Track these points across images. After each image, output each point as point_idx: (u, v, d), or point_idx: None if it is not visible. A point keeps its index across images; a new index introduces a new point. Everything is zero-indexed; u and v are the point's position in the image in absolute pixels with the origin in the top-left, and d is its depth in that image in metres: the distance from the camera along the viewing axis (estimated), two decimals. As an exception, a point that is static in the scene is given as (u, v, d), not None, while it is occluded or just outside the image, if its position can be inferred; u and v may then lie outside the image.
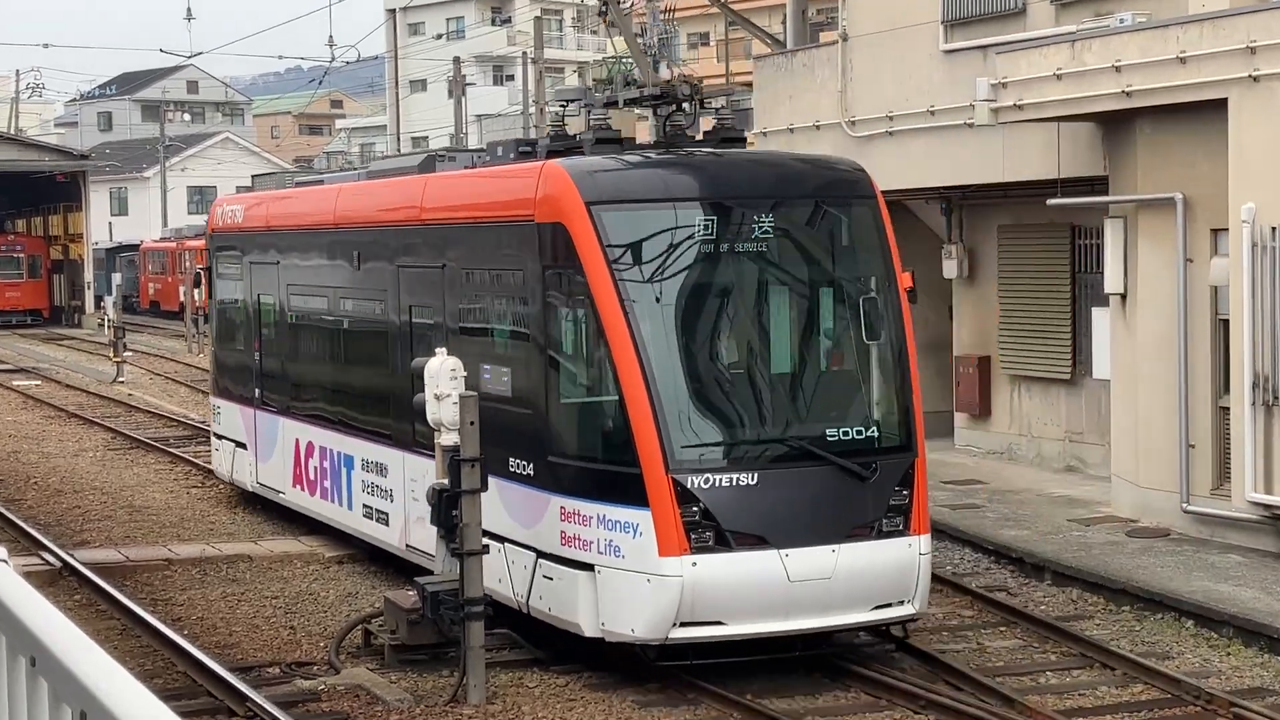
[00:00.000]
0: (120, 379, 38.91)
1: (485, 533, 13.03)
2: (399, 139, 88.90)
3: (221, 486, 22.46)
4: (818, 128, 25.72)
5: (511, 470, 13.62)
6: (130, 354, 41.88)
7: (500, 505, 13.67)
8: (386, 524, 16.48)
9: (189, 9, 67.99)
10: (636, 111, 15.70)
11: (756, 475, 12.39)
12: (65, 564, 17.64)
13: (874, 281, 13.49)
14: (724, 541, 12.25)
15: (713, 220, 12.87)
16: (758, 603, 12.26)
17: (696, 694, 13.02)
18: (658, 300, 12.61)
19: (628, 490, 12.33)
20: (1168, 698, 13.00)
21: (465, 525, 12.76)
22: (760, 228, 12.99)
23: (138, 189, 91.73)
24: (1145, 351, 19.02)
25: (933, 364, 26.72)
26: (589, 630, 12.75)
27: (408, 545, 15.94)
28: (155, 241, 73.89)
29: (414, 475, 15.61)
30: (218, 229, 21.87)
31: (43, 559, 17.86)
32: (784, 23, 31.82)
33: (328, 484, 18.10)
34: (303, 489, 18.90)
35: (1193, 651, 14.38)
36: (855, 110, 24.95)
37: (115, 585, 16.70)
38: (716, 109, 14.73)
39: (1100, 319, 21.51)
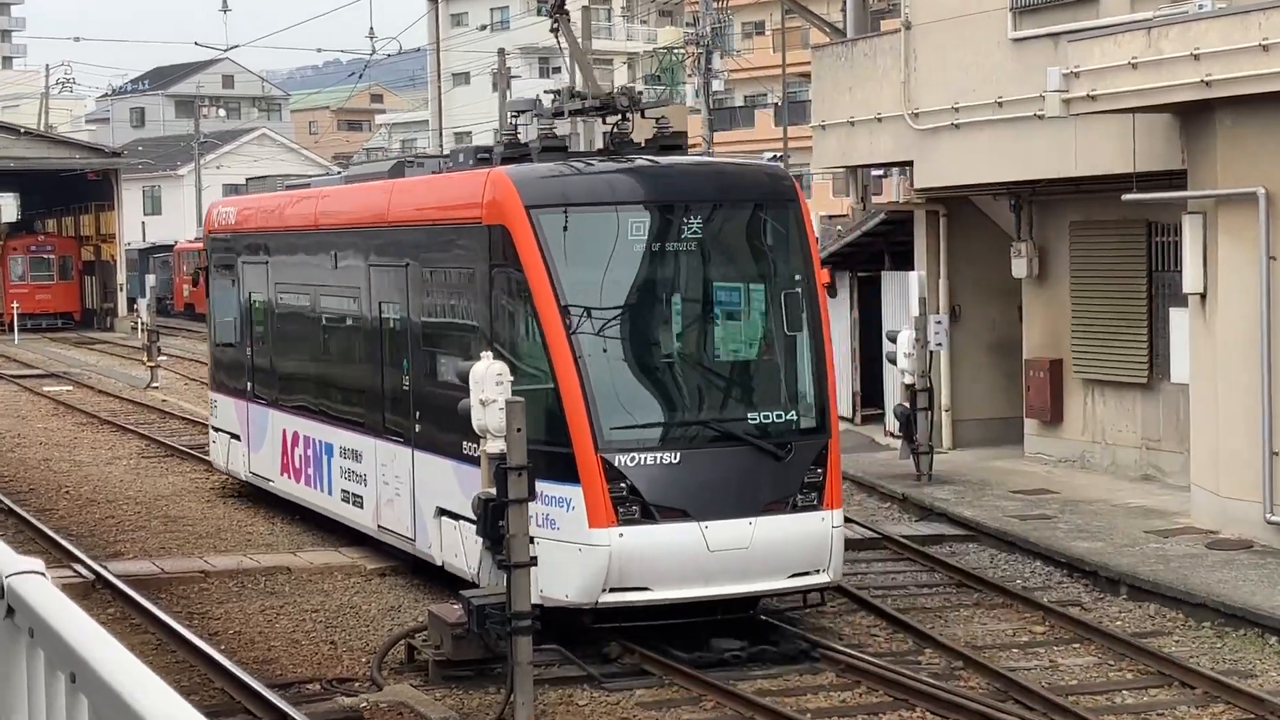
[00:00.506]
0: (154, 384, 39.19)
1: (444, 511, 15.70)
2: (441, 134, 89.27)
3: (262, 497, 22.59)
4: (879, 120, 25.68)
5: (465, 453, 15.58)
6: (164, 358, 42.18)
7: (457, 486, 15.75)
8: (361, 507, 18.64)
9: (224, 1, 68.40)
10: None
11: (679, 455, 14.34)
12: (98, 576, 17.78)
13: (794, 278, 15.37)
14: (649, 515, 14.18)
15: (644, 221, 14.87)
16: (680, 570, 14.08)
17: (754, 712, 13.06)
18: (590, 296, 14.58)
19: (561, 468, 14.19)
20: (1250, 718, 12.90)
21: (512, 536, 12.80)
22: (688, 228, 14.97)
23: (172, 187, 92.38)
24: (1226, 354, 18.87)
25: (1001, 367, 26.60)
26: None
27: (379, 526, 18.17)
28: (190, 242, 74.25)
29: (384, 460, 17.88)
30: (213, 230, 24.03)
31: (75, 571, 18.02)
32: (844, 10, 31.77)
33: (311, 471, 20.18)
34: (289, 477, 20.97)
35: (1277, 669, 14.27)
36: (919, 102, 24.89)
37: (150, 598, 16.82)
38: (657, 119, 16.70)
39: (1178, 320, 21.37)
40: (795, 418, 14.96)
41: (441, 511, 16.31)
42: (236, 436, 22.87)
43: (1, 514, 22.23)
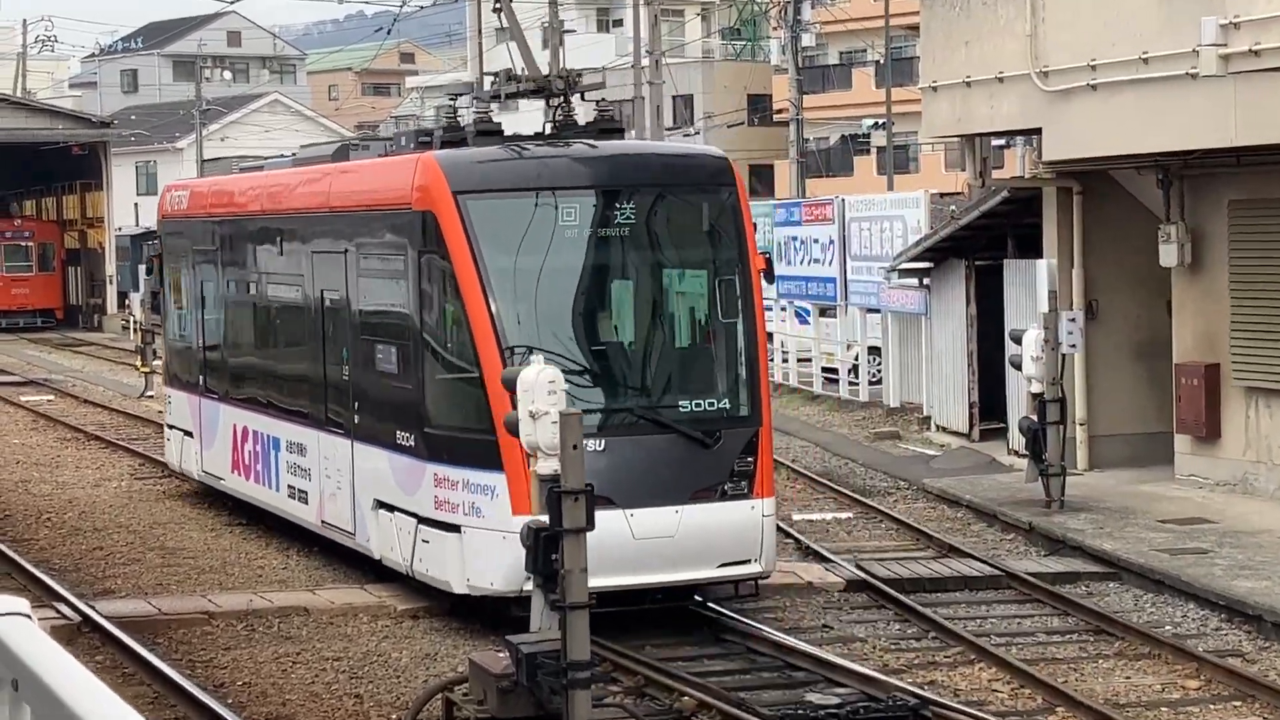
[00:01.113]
0: (149, 393, 39.51)
1: (381, 503, 18.27)
2: (481, 81, 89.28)
3: (281, 526, 22.75)
4: (1001, 80, 25.58)
5: (399, 443, 17.97)
6: (161, 363, 42.52)
7: (390, 476, 18.27)
8: (306, 502, 20.85)
9: (230, -57, 68.83)
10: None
11: (604, 442, 16.29)
12: (85, 618, 17.92)
13: (728, 265, 17.46)
14: None
15: (575, 207, 16.96)
16: (605, 558, 15.19)
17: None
18: (518, 282, 16.80)
19: (486, 456, 16.49)
20: None
21: (568, 572, 12.83)
22: (621, 214, 17.06)
23: (169, 163, 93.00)
24: None
25: (1144, 373, 26.44)
26: (458, 587, 17.04)
27: (323, 521, 20.37)
28: (190, 226, 74.83)
29: (326, 453, 20.12)
30: (166, 215, 26.41)
31: (58, 612, 18.17)
32: (958, -49, 31.66)
33: (259, 467, 22.41)
34: (239, 474, 23.19)
35: None
36: (1048, 59, 24.77)
37: (145, 643, 16.95)
38: (597, 101, 18.91)
39: (1359, 317, 21.18)
40: (725, 406, 17.04)
41: (379, 504, 18.60)
42: (190, 434, 25.21)
43: (-28, 545, 22.46)
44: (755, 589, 17.34)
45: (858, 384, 36.34)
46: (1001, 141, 43.64)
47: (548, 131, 18.74)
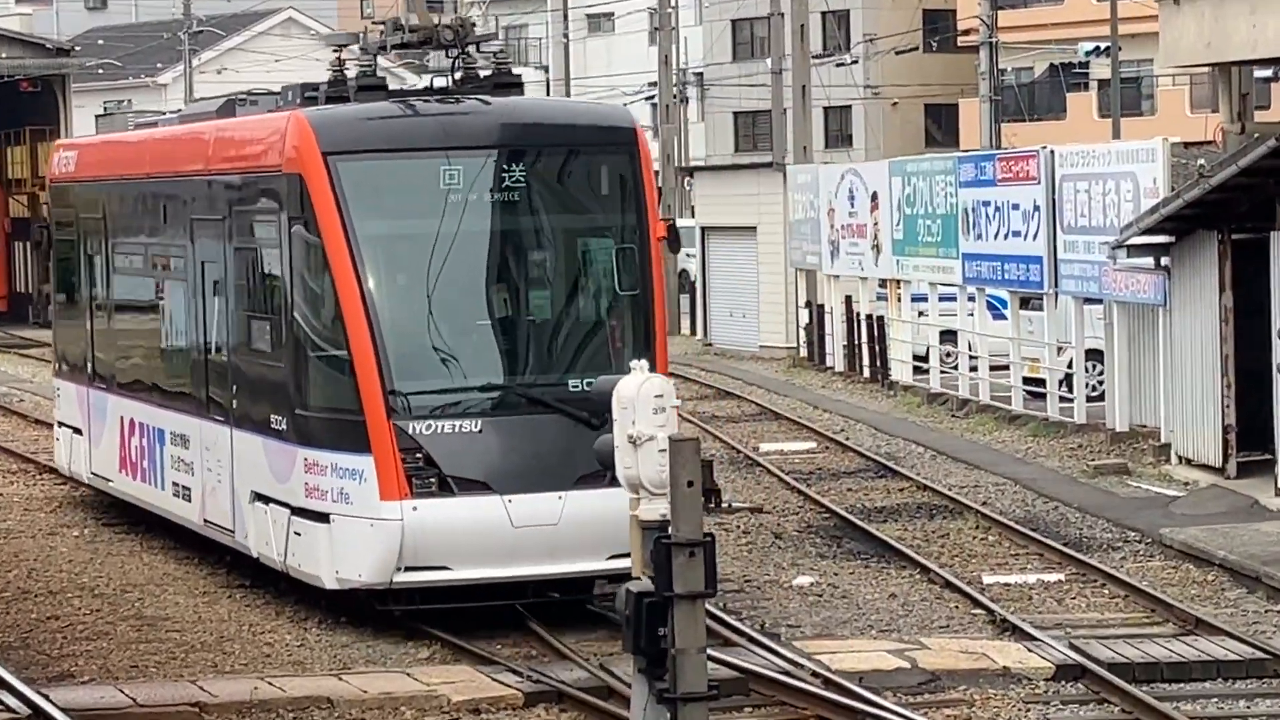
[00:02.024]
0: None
1: (258, 495, 21.55)
2: (566, 15, 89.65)
3: (300, 588, 22.91)
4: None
5: (272, 427, 21.20)
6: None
7: (266, 465, 21.43)
8: (189, 500, 23.84)
9: None
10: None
11: (481, 423, 19.96)
12: (36, 710, 18.05)
13: (624, 232, 20.87)
14: (446, 487, 19.81)
15: (458, 170, 20.21)
16: (481, 548, 19.34)
17: None
18: (391, 252, 20.36)
19: (354, 437, 19.87)
20: None
21: (682, 652, 12.83)
22: (509, 176, 20.33)
23: (148, 102, 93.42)
24: None
25: None
26: (329, 582, 20.29)
27: (205, 520, 23.34)
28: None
29: (208, 444, 23.04)
30: (55, 179, 29.88)
31: (2, 704, 18.30)
32: None
33: (146, 464, 25.56)
34: (127, 473, 26.38)
35: None
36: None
37: (116, 744, 17.06)
38: (495, 52, 22.19)
39: None
40: None
41: (256, 495, 21.77)
42: (79, 430, 28.59)
43: (-111, 612, 22.68)
44: None
45: (1071, 401, 36.17)
46: (1268, 73, 43.37)
47: (439, 85, 21.96)
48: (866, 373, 44.21)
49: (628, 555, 16.92)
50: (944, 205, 39.73)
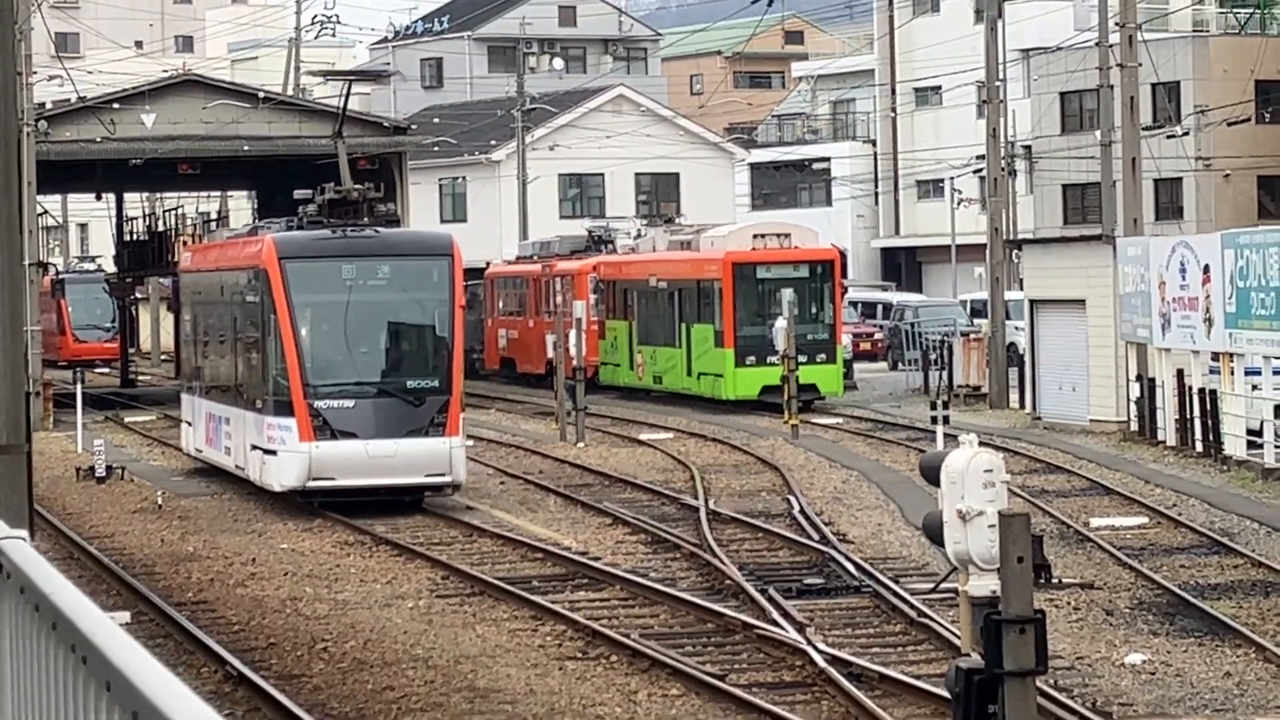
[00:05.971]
0: (580, 443, 40.19)
1: (252, 445, 39.02)
2: (894, 90, 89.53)
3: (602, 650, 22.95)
4: None
5: (257, 408, 38.65)
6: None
7: (255, 428, 38.63)
8: (230, 454, 41.52)
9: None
10: None
11: (354, 402, 37.29)
12: (371, 780, 18.21)
13: (440, 302, 38.05)
14: (334, 436, 36.92)
15: (352, 268, 37.90)
16: (352, 468, 36.86)
17: None
18: (312, 310, 37.75)
19: (288, 410, 37.18)
20: None
21: (1012, 732, 12.68)
22: (378, 273, 38.04)
23: (482, 179, 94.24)
24: None
25: None
26: (276, 487, 37.75)
27: (236, 466, 41.52)
28: (509, 263, 75.23)
29: (236, 421, 40.89)
30: (180, 269, 52.96)
31: (337, 771, 18.49)
32: None
33: (214, 437, 43.35)
34: (209, 445, 43.98)
35: None
36: None
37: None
38: (387, 206, 41.58)
39: None
40: (429, 383, 37.49)
41: (253, 446, 39.92)
42: (190, 423, 46.85)
43: (230, 682, 23.05)
44: (455, 490, 38.24)
45: None
46: None
47: (355, 222, 39.13)
48: (1199, 447, 43.58)
49: (434, 475, 36.93)
50: (1278, 278, 39.15)
